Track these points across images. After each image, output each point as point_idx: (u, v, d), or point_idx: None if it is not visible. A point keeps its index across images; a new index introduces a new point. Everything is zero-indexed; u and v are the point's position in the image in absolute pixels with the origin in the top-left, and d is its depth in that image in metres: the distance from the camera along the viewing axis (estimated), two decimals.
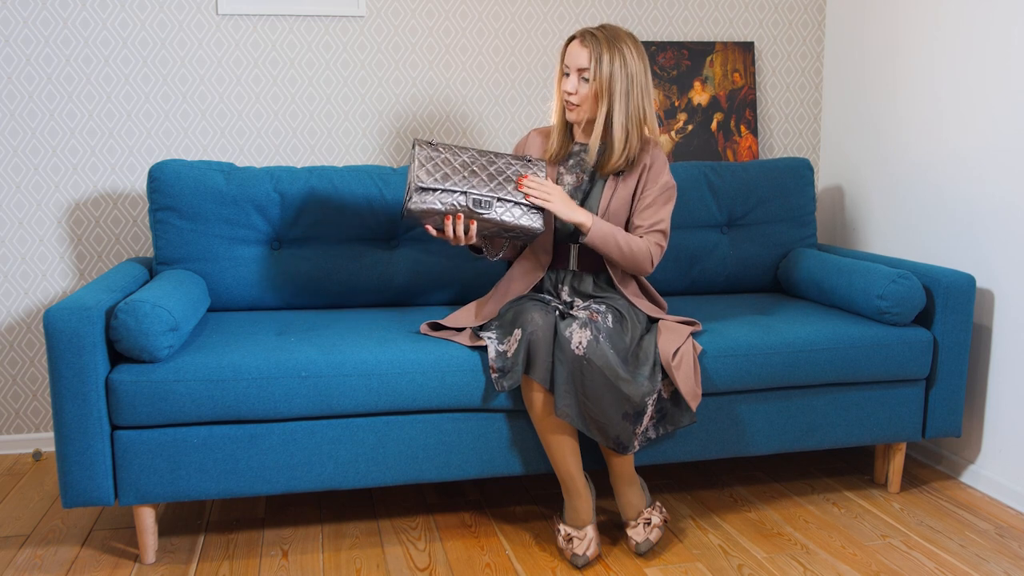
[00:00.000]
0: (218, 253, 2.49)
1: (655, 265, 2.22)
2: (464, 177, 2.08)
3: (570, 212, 2.13)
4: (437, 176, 2.06)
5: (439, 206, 2.05)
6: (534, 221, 2.11)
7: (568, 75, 2.19)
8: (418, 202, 2.05)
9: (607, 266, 2.26)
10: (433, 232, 2.11)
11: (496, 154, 2.17)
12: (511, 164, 2.15)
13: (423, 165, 2.07)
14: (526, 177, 2.12)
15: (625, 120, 2.16)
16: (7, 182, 2.69)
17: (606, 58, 2.13)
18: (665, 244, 2.24)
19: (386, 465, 2.14)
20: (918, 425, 2.47)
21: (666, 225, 2.24)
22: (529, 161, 2.17)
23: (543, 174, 2.17)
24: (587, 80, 2.16)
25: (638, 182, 2.24)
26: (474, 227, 2.09)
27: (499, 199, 2.09)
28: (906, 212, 2.83)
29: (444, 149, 2.13)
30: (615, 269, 2.26)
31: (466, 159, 2.12)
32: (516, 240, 2.20)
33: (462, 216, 2.07)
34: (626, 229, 2.26)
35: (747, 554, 2.17)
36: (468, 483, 2.58)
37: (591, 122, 2.23)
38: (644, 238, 2.20)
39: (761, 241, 2.87)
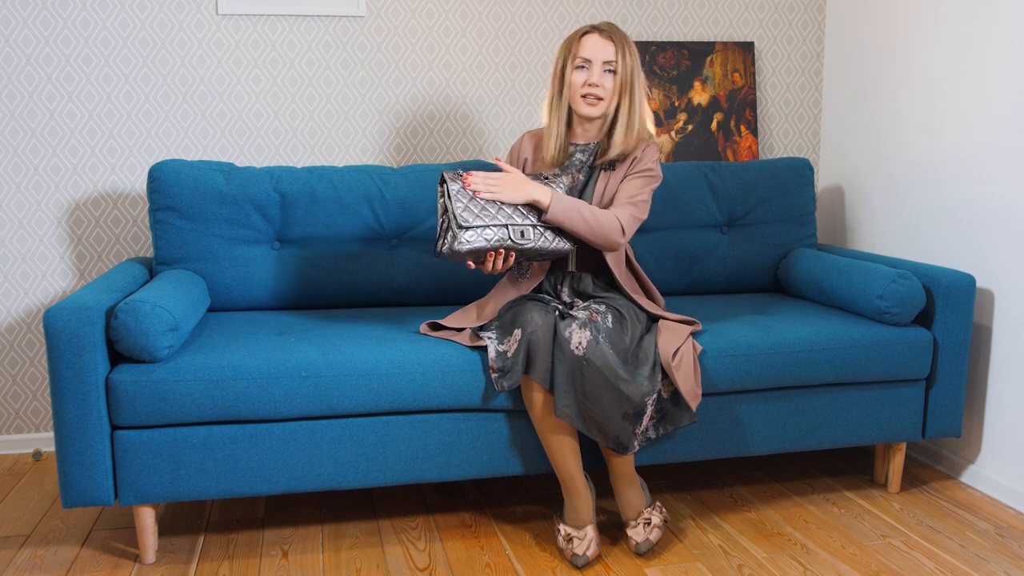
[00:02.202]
0: (218, 253, 2.49)
1: (627, 236, 2.16)
2: (499, 207, 2.05)
3: (524, 193, 2.08)
4: (476, 211, 2.03)
5: (484, 243, 2.02)
6: (565, 243, 2.12)
7: (583, 68, 2.18)
8: (465, 242, 2.00)
9: (607, 266, 2.26)
10: (472, 266, 2.10)
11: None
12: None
13: (460, 201, 2.03)
14: (470, 175, 2.07)
15: (641, 111, 2.21)
16: (7, 182, 2.69)
17: (627, 51, 2.18)
18: (640, 215, 2.19)
19: (386, 465, 2.14)
20: (918, 425, 2.47)
21: (642, 199, 2.20)
22: (547, 178, 2.16)
23: (563, 188, 2.16)
24: (612, 72, 2.17)
25: (627, 172, 2.24)
26: (513, 258, 2.08)
27: (534, 226, 2.08)
28: (906, 212, 2.83)
29: None
30: (611, 259, 2.25)
31: None
32: (545, 260, 2.22)
33: (503, 251, 2.05)
34: None
35: (747, 554, 2.17)
36: (468, 483, 2.58)
37: (600, 119, 2.23)
38: (615, 210, 2.16)
39: (761, 241, 2.87)
